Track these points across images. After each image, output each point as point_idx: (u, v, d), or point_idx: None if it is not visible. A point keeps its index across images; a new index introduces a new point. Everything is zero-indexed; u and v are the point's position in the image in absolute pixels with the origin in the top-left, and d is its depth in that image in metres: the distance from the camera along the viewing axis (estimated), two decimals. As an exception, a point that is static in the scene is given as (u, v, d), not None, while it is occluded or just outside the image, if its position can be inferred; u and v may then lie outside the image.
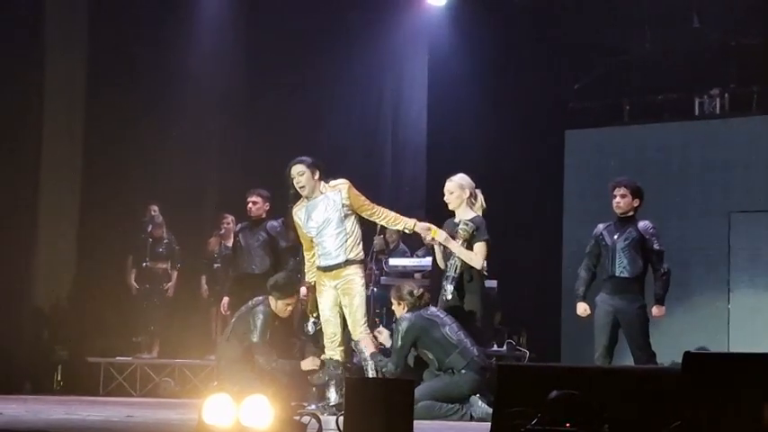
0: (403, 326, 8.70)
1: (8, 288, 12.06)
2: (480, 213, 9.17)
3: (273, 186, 11.17)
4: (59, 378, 12.53)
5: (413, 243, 11.90)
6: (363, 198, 8.87)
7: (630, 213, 9.38)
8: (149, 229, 12.82)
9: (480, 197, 9.24)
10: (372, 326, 9.53)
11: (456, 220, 9.20)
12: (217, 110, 13.86)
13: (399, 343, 8.68)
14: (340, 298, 8.81)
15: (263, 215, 10.91)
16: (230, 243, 12.00)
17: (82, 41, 13.10)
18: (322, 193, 8.84)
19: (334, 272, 8.82)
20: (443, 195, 9.30)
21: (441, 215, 9.54)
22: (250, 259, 10.84)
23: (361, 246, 8.90)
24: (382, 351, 8.97)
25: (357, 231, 8.86)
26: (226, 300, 11.26)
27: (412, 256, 11.94)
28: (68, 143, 12.98)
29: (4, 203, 12.06)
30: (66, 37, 12.87)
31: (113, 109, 12.99)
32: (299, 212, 8.97)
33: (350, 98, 14.24)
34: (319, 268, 8.89)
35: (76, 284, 12.98)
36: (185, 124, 13.53)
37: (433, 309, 8.91)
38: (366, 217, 8.91)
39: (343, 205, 8.76)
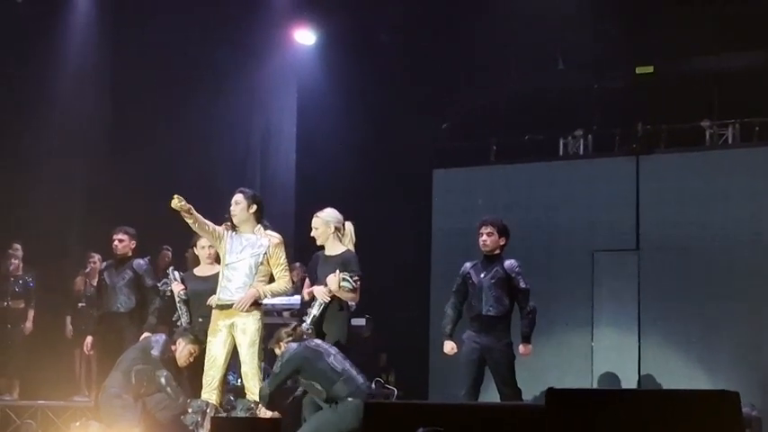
0: (286, 355, 8.67)
1: None
2: (351, 247, 9.13)
3: (140, 224, 11.04)
4: None
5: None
6: (284, 260, 8.86)
7: (497, 251, 9.46)
8: (10, 268, 12.52)
9: (350, 230, 9.19)
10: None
11: (327, 253, 9.17)
12: (83, 146, 13.61)
13: (278, 369, 8.65)
14: (235, 337, 8.75)
15: (129, 253, 10.70)
16: (96, 282, 11.77)
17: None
18: (254, 233, 8.84)
19: (229, 310, 8.76)
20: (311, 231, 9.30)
21: (309, 250, 9.52)
22: (115, 298, 10.59)
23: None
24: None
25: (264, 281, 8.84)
26: (89, 339, 10.99)
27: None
28: None
29: None
30: None
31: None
32: (230, 234, 8.88)
33: (219, 135, 14.16)
34: (217, 305, 8.83)
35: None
36: (50, 159, 13.26)
37: (318, 340, 8.89)
38: (273, 275, 8.86)
39: (263, 254, 8.76)
